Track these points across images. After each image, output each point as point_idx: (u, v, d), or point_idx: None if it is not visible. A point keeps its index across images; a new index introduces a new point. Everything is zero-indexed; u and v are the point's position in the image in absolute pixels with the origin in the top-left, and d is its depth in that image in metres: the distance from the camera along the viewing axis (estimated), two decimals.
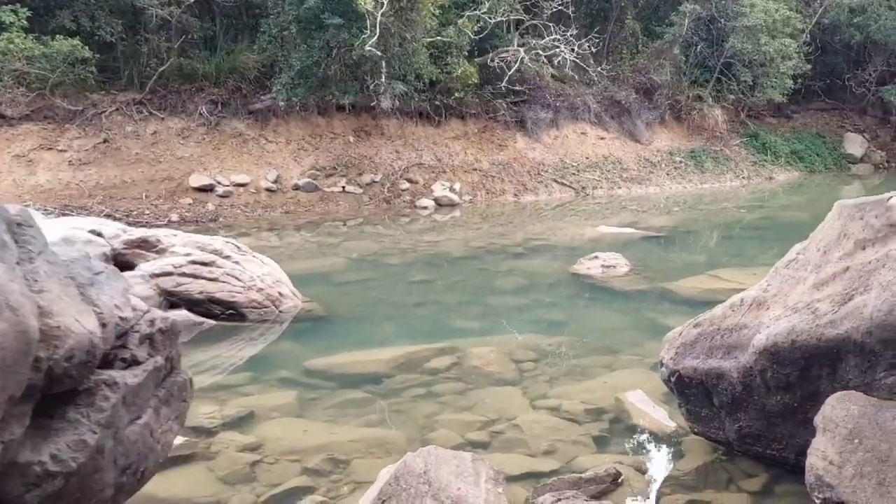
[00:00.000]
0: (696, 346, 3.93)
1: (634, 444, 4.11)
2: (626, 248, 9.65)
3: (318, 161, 13.62)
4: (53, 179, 11.49)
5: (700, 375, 3.79)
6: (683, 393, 3.98)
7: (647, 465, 3.83)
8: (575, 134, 16.55)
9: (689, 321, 4.15)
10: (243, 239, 10.87)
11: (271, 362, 5.50)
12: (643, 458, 3.91)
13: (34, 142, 11.81)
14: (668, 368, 4.01)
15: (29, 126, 11.98)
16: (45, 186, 11.34)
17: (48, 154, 11.76)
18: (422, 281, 8.04)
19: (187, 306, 5.99)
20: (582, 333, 6.17)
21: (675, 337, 4.13)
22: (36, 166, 11.55)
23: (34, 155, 11.65)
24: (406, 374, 5.15)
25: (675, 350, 4.03)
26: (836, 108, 21.61)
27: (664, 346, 4.18)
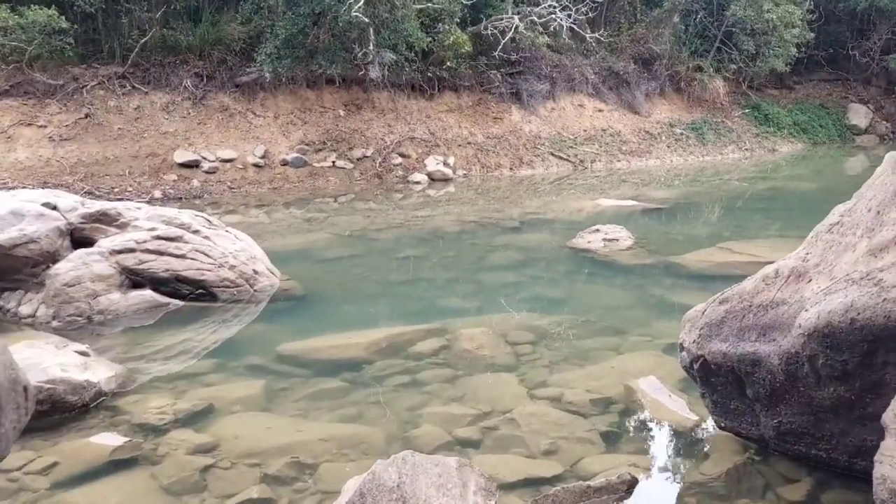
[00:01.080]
0: (724, 327, 3.23)
1: (650, 441, 3.44)
2: (627, 221, 8.91)
3: (308, 136, 12.82)
4: (33, 156, 10.71)
5: (730, 362, 3.09)
6: (709, 382, 3.30)
7: (666, 467, 3.16)
8: (572, 106, 15.70)
9: (714, 297, 3.44)
10: (230, 216, 10.15)
11: (240, 347, 4.81)
12: (661, 459, 3.24)
13: (13, 117, 11.00)
14: (689, 353, 3.32)
15: (8, 101, 11.16)
16: (24, 163, 10.57)
17: (28, 130, 10.96)
18: (410, 257, 7.32)
19: (152, 286, 5.29)
20: (583, 312, 5.48)
21: (698, 316, 3.43)
22: (15, 143, 10.76)
23: (13, 131, 10.85)
24: (388, 359, 4.47)
25: (698, 331, 3.33)
26: (840, 79, 20.67)
27: (684, 327, 3.48)
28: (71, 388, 3.54)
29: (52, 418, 3.48)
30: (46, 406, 3.44)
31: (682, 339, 3.45)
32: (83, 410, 3.62)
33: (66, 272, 4.93)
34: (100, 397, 3.71)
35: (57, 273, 4.92)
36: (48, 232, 5.01)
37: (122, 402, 3.78)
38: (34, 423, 3.39)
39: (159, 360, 4.54)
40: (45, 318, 4.84)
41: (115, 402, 3.77)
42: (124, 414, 3.65)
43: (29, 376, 3.40)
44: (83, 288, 4.94)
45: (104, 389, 3.75)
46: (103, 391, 3.74)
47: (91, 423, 3.55)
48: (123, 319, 5.07)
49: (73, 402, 3.54)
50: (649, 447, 3.36)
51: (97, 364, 3.99)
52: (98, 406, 3.71)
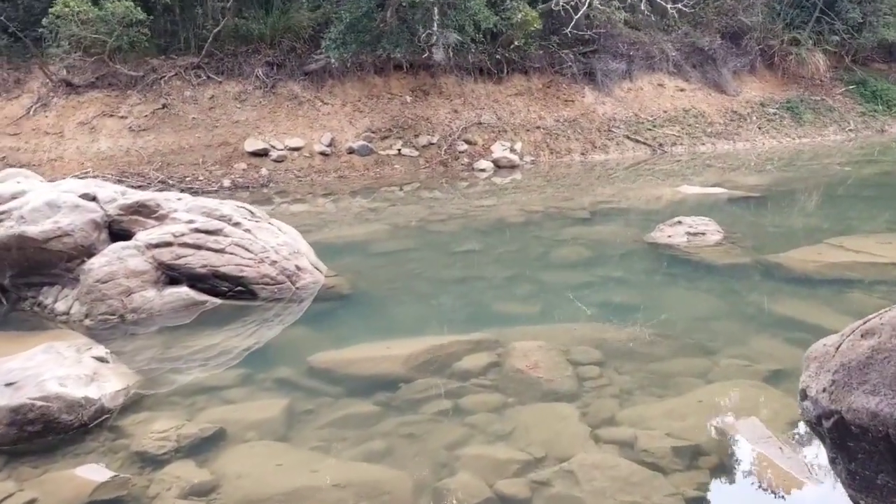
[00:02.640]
0: (872, 373, 2.24)
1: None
2: (713, 211, 7.72)
3: (374, 123, 12.21)
4: (114, 146, 10.71)
5: (883, 426, 2.12)
6: (845, 447, 2.33)
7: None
8: (651, 86, 14.26)
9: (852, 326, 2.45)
10: (297, 205, 9.73)
11: (272, 355, 4.22)
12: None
13: (97, 108, 11.05)
14: (818, 406, 2.36)
15: (94, 93, 11.23)
16: (106, 153, 10.58)
17: (110, 121, 10.97)
18: (467, 251, 6.53)
19: (189, 282, 4.80)
20: (663, 324, 4.51)
21: (829, 353, 2.45)
22: (98, 133, 10.80)
23: (97, 122, 10.90)
24: (430, 377, 3.73)
25: (830, 377, 2.36)
26: None
27: (808, 367, 2.52)
28: (66, 405, 3.03)
29: (45, 440, 2.99)
30: (38, 426, 2.95)
31: (804, 384, 2.49)
32: (82, 431, 3.11)
33: (100, 268, 4.50)
34: (102, 415, 3.19)
35: (90, 268, 4.50)
36: (83, 225, 4.60)
37: (127, 421, 3.25)
38: (27, 445, 2.91)
39: (185, 366, 4.02)
40: (79, 316, 4.44)
41: (120, 420, 3.25)
42: (125, 437, 3.11)
43: (23, 392, 2.90)
44: (117, 285, 4.50)
45: (108, 406, 3.23)
46: (106, 408, 3.22)
47: (87, 448, 3.03)
48: (158, 318, 4.60)
49: (69, 423, 3.03)
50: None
51: (109, 374, 3.49)
52: (101, 425, 3.19)
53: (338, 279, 5.38)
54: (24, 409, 2.90)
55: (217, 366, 4.03)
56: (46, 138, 10.44)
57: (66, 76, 11.09)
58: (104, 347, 3.86)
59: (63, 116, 10.76)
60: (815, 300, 4.77)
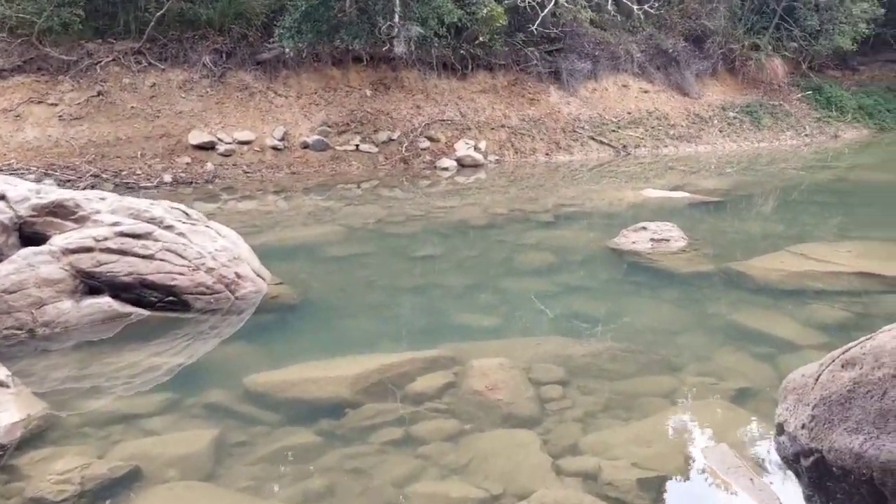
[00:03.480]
0: (854, 408, 2.08)
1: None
2: (677, 216, 7.67)
3: (331, 117, 11.81)
4: (42, 136, 10.00)
5: (867, 468, 1.96)
6: (824, 486, 2.16)
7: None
8: (616, 86, 14.27)
9: (831, 355, 2.29)
10: (246, 202, 9.27)
11: (204, 376, 3.86)
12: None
13: (24, 95, 10.29)
14: (796, 443, 2.19)
15: (20, 78, 10.46)
16: (32, 144, 9.87)
17: (38, 108, 10.25)
18: (426, 256, 6.26)
19: (112, 292, 4.38)
20: (628, 337, 4.34)
21: (807, 385, 2.28)
22: (24, 121, 10.07)
23: (23, 109, 10.15)
24: (379, 401, 3.45)
25: (809, 412, 2.19)
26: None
27: (785, 398, 2.35)
28: None
29: None
30: None
31: (782, 418, 2.32)
32: None
33: (6, 276, 4.05)
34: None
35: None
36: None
37: (24, 459, 2.85)
38: None
39: (101, 390, 3.62)
40: None
41: (15, 458, 2.85)
42: (20, 479, 2.73)
43: None
44: (26, 295, 4.05)
45: (2, 442, 2.83)
46: (1, 444, 2.82)
47: None
48: (75, 333, 4.17)
49: None
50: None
51: (8, 402, 3.08)
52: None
53: (283, 288, 5.03)
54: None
55: (139, 389, 3.65)
56: None
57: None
58: (5, 369, 3.43)
59: None
60: (778, 311, 4.72)
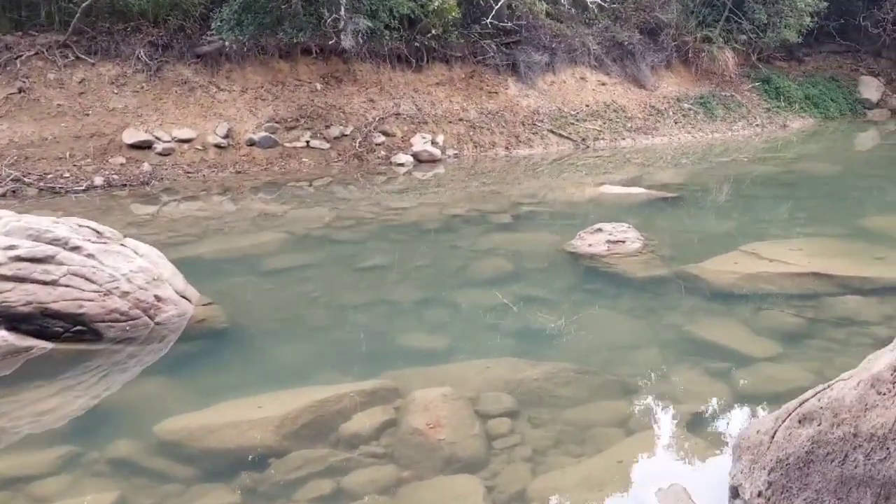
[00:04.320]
0: (813, 473, 1.80)
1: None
2: (632, 214, 7.48)
3: (279, 112, 11.21)
4: None
5: None
6: None
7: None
8: (573, 79, 14.04)
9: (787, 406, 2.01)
10: (191, 203, 8.65)
11: (112, 422, 3.39)
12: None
13: None
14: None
15: None
16: None
17: None
18: (374, 267, 5.85)
19: (8, 324, 3.84)
20: (582, 355, 4.05)
21: (763, 444, 1.99)
22: None
23: None
24: (309, 446, 3.06)
25: (766, 476, 1.90)
26: (850, 51, 18.99)
27: (739, 458, 2.06)
28: None
29: None
30: None
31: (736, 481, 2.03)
32: None
33: None
34: None
35: None
36: None
37: None
38: None
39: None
40: None
41: None
42: None
43: None
44: None
45: None
46: None
47: None
48: None
49: None
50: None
51: None
52: None
53: (212, 309, 4.56)
54: None
55: (35, 441, 3.17)
56: None
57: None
58: None
59: None
60: (733, 319, 4.57)
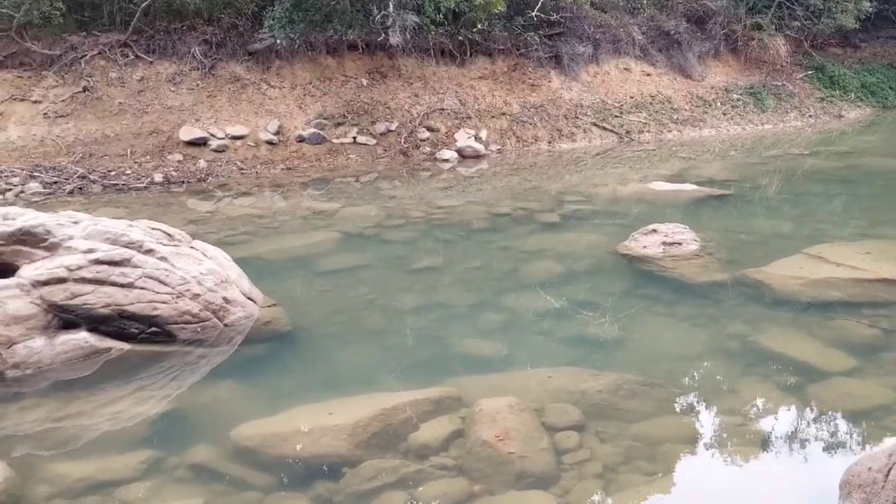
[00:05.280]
0: None
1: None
2: (685, 213, 7.30)
3: (327, 108, 11.27)
4: (26, 135, 9.49)
5: None
6: None
7: None
8: (617, 70, 13.71)
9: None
10: (244, 199, 8.79)
11: (189, 426, 3.48)
12: None
13: (6, 92, 9.75)
14: None
15: (2, 74, 9.91)
16: (16, 143, 9.37)
17: (21, 106, 9.71)
18: (426, 269, 5.84)
19: (89, 325, 3.98)
20: (645, 366, 3.96)
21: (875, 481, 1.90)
22: (7, 120, 9.54)
23: (5, 107, 9.62)
24: (380, 456, 3.08)
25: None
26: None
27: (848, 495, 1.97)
28: None
29: None
30: None
31: None
32: None
33: None
34: None
35: None
36: None
37: None
38: None
39: (75, 448, 3.24)
40: None
41: None
42: None
43: None
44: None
45: None
46: None
47: None
48: (49, 373, 3.78)
49: None
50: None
51: None
52: None
53: (275, 311, 4.63)
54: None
55: (118, 445, 3.27)
56: None
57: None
58: None
59: None
60: (800, 329, 4.38)
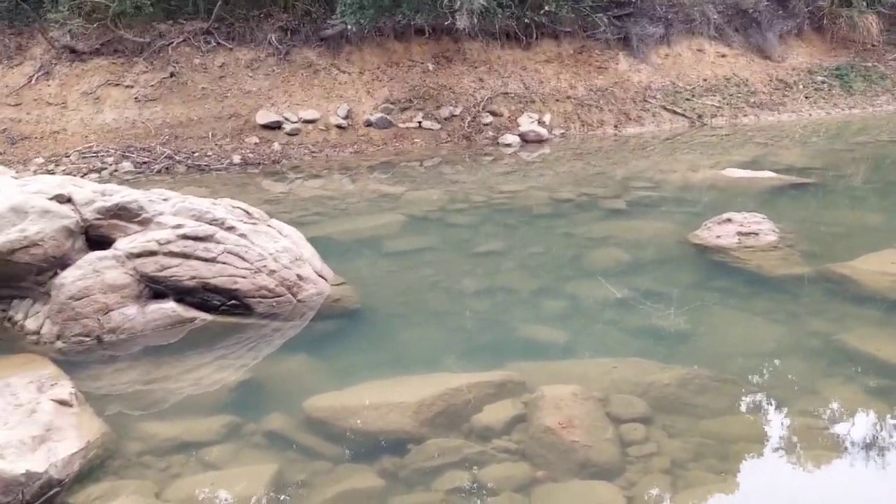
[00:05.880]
0: None
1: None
2: (762, 202, 6.91)
3: (393, 93, 11.37)
4: (120, 118, 10.10)
5: None
6: None
7: None
8: (690, 51, 13.10)
9: None
10: (315, 181, 9.04)
11: (265, 395, 3.64)
12: None
13: (102, 77, 10.39)
14: None
15: (98, 61, 10.56)
16: (111, 125, 9.98)
17: (115, 90, 10.33)
18: (490, 253, 5.82)
19: (176, 296, 4.22)
20: (716, 360, 3.81)
21: None
22: (103, 103, 10.18)
23: (101, 91, 10.26)
24: (444, 435, 3.13)
25: None
26: None
27: None
28: (2, 485, 2.50)
29: None
30: None
31: None
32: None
33: (73, 282, 3.94)
34: (49, 490, 2.65)
35: (62, 283, 3.94)
36: (54, 233, 4.02)
37: (83, 495, 2.70)
38: None
39: (163, 409, 3.47)
40: (50, 337, 3.91)
41: (71, 496, 2.70)
42: None
43: None
44: (92, 301, 3.94)
45: (57, 478, 2.69)
46: (55, 481, 2.68)
47: None
48: (140, 339, 4.05)
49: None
50: None
51: (68, 428, 2.94)
52: (49, 501, 2.66)
53: (345, 289, 4.76)
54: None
55: (201, 409, 3.47)
56: (49, 109, 9.86)
57: (69, 42, 10.42)
58: (70, 384, 3.32)
59: (66, 85, 10.15)
60: (891, 329, 4.05)
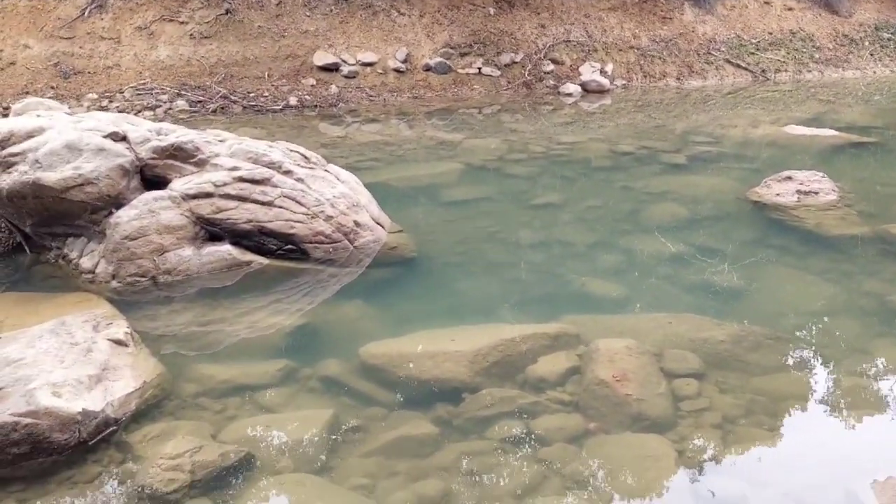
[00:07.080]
0: None
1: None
2: (822, 160, 6.42)
3: (453, 38, 10.82)
4: (174, 54, 9.96)
5: None
6: None
7: None
8: (756, 4, 12.20)
9: None
10: (372, 125, 8.76)
11: (320, 340, 3.50)
12: None
13: (156, 12, 10.22)
14: None
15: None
16: (165, 62, 9.85)
17: (169, 26, 10.16)
18: (547, 205, 5.46)
19: (232, 239, 4.09)
20: (770, 318, 3.53)
21: None
22: (157, 39, 10.04)
23: (156, 27, 10.11)
24: (499, 385, 2.95)
25: None
26: None
27: None
28: (59, 423, 2.43)
29: (35, 462, 2.41)
30: (25, 448, 2.37)
31: None
32: (82, 449, 2.51)
33: (128, 222, 3.85)
34: (106, 429, 2.59)
35: (118, 223, 3.85)
36: (109, 171, 3.90)
37: (137, 436, 2.62)
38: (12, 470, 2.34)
39: (219, 352, 3.37)
40: (105, 276, 3.85)
41: (128, 435, 2.63)
42: (129, 461, 2.50)
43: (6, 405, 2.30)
44: (148, 242, 3.85)
45: (113, 417, 2.62)
46: (111, 419, 2.61)
47: (84, 474, 2.44)
48: (196, 280, 3.95)
49: (63, 442, 2.44)
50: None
51: (124, 368, 2.87)
52: (105, 440, 2.59)
53: (401, 237, 4.53)
54: (7, 428, 2.32)
55: (257, 353, 3.36)
56: (102, 43, 9.77)
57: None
58: (126, 323, 3.24)
59: (120, 19, 10.01)
60: None
